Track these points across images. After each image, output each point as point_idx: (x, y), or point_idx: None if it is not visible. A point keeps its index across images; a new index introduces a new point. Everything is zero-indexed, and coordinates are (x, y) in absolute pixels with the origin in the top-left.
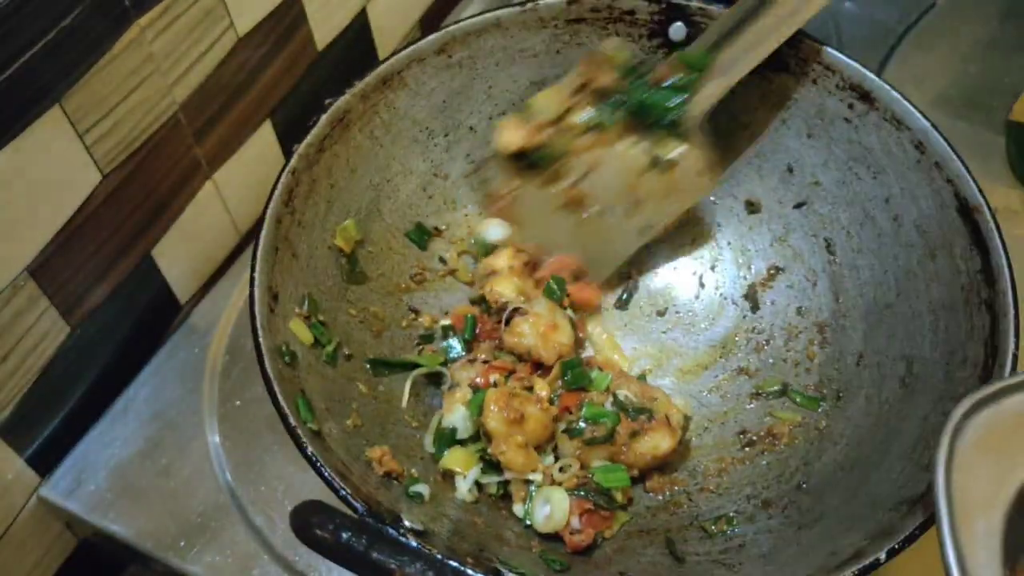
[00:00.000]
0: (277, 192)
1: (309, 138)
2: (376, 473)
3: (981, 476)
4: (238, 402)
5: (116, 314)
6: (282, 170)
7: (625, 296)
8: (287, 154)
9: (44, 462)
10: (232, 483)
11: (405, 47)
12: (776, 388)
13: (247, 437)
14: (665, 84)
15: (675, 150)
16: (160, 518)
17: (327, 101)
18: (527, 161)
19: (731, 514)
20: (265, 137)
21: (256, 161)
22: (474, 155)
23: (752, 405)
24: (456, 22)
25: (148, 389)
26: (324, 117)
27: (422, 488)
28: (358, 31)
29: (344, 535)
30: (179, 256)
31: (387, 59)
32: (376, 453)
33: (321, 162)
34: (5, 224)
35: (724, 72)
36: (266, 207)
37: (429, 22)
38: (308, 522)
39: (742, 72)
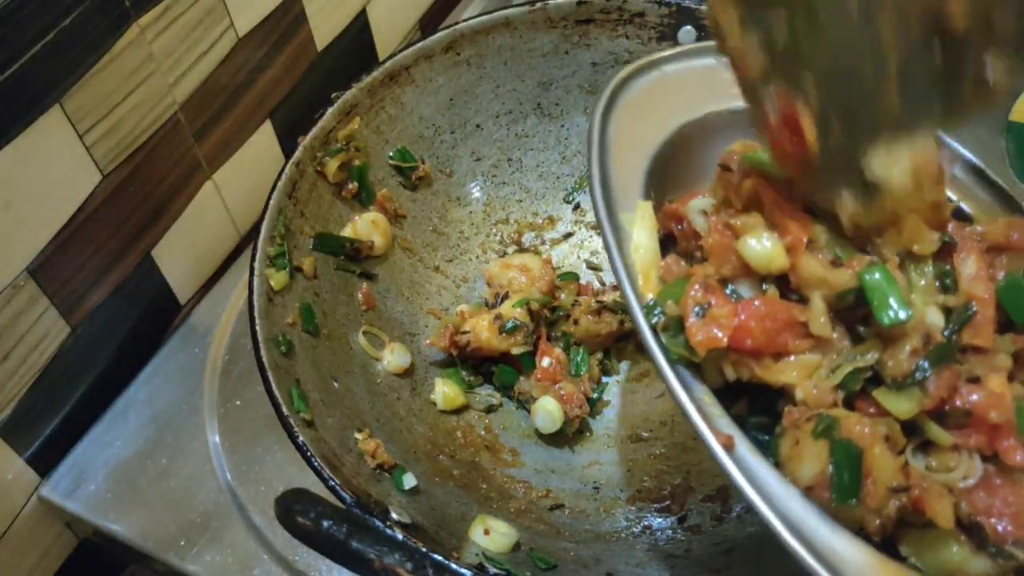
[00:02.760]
0: (281, 183)
1: (315, 130)
2: (368, 465)
3: (637, 121)
4: (238, 402)
5: (116, 314)
6: (287, 161)
7: None
8: (287, 154)
9: (44, 462)
10: (232, 483)
11: (411, 44)
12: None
13: (247, 437)
14: None
15: None
16: (160, 518)
17: (334, 95)
18: None
19: (722, 518)
20: (265, 137)
21: (256, 161)
22: (480, 152)
23: None
24: (464, 20)
25: (148, 389)
26: (330, 110)
27: (410, 478)
28: (358, 31)
29: (325, 523)
30: (179, 256)
31: (394, 55)
32: (370, 446)
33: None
34: (5, 224)
35: None
36: (269, 197)
37: (428, 23)
38: (291, 509)
39: None
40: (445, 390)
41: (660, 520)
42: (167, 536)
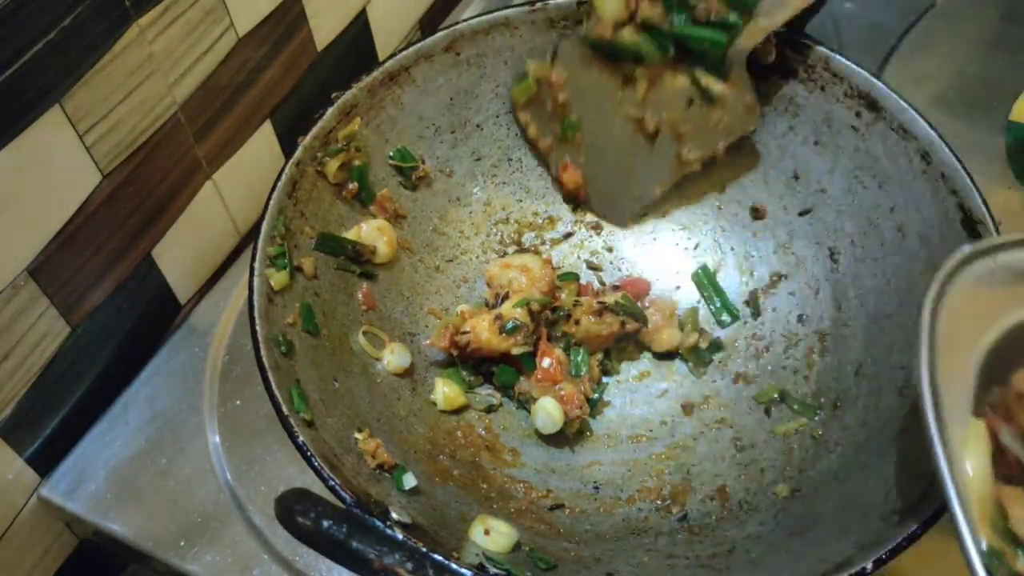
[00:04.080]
0: (281, 183)
1: (315, 130)
2: (368, 465)
3: (967, 318)
4: (238, 402)
5: (116, 314)
6: (287, 161)
7: None
8: (287, 154)
9: (44, 462)
10: (232, 483)
11: (411, 45)
12: (774, 395)
13: (247, 437)
14: (709, 21)
15: (719, 85)
16: (160, 518)
17: (334, 95)
18: (608, 48)
19: (722, 518)
20: (265, 137)
21: (256, 161)
22: (480, 152)
23: (749, 411)
24: (464, 20)
25: (148, 389)
26: (330, 110)
27: (411, 478)
28: (358, 31)
29: (325, 523)
30: (179, 256)
31: (395, 55)
32: (370, 446)
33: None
34: (5, 224)
35: (768, 13)
36: (269, 196)
37: (428, 23)
38: (291, 509)
39: (786, 16)
40: (445, 390)
41: (660, 520)
42: (167, 536)
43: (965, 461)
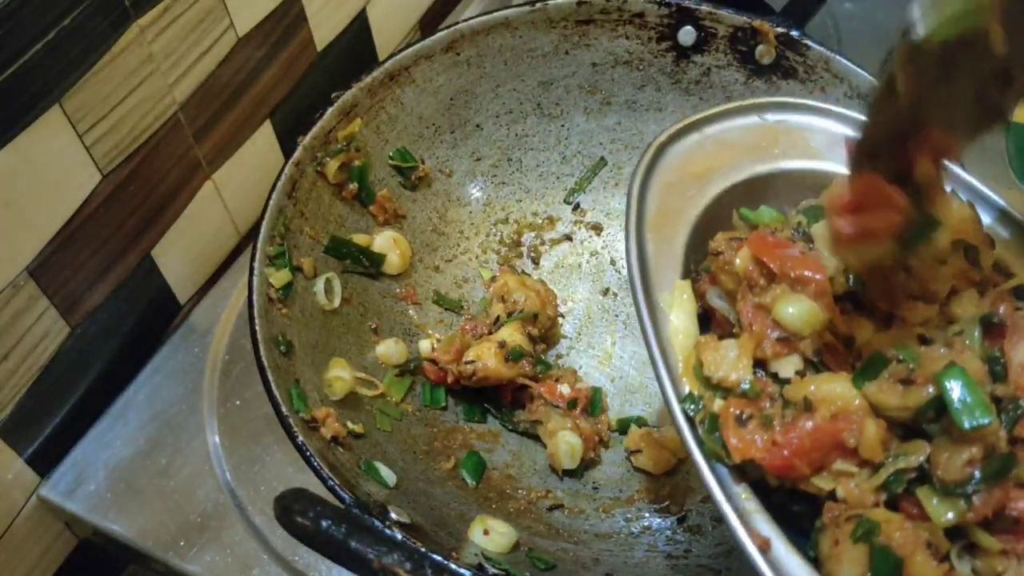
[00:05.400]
0: (280, 183)
1: (314, 130)
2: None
3: (675, 194)
4: (238, 402)
5: (116, 314)
6: (287, 161)
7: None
8: (287, 154)
9: (44, 462)
10: (232, 483)
11: (411, 45)
12: None
13: (247, 437)
14: None
15: None
16: (160, 518)
17: (334, 95)
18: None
19: (722, 517)
20: (265, 137)
21: (256, 161)
22: (480, 152)
23: None
24: (464, 20)
25: (148, 389)
26: (330, 110)
27: (387, 472)
28: (358, 32)
29: (324, 523)
30: (179, 256)
31: (394, 55)
32: (321, 413)
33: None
34: (5, 224)
35: None
36: (269, 196)
37: (428, 23)
38: (290, 509)
39: None
40: (340, 373)
41: (659, 520)
42: (167, 536)
43: (671, 318)
